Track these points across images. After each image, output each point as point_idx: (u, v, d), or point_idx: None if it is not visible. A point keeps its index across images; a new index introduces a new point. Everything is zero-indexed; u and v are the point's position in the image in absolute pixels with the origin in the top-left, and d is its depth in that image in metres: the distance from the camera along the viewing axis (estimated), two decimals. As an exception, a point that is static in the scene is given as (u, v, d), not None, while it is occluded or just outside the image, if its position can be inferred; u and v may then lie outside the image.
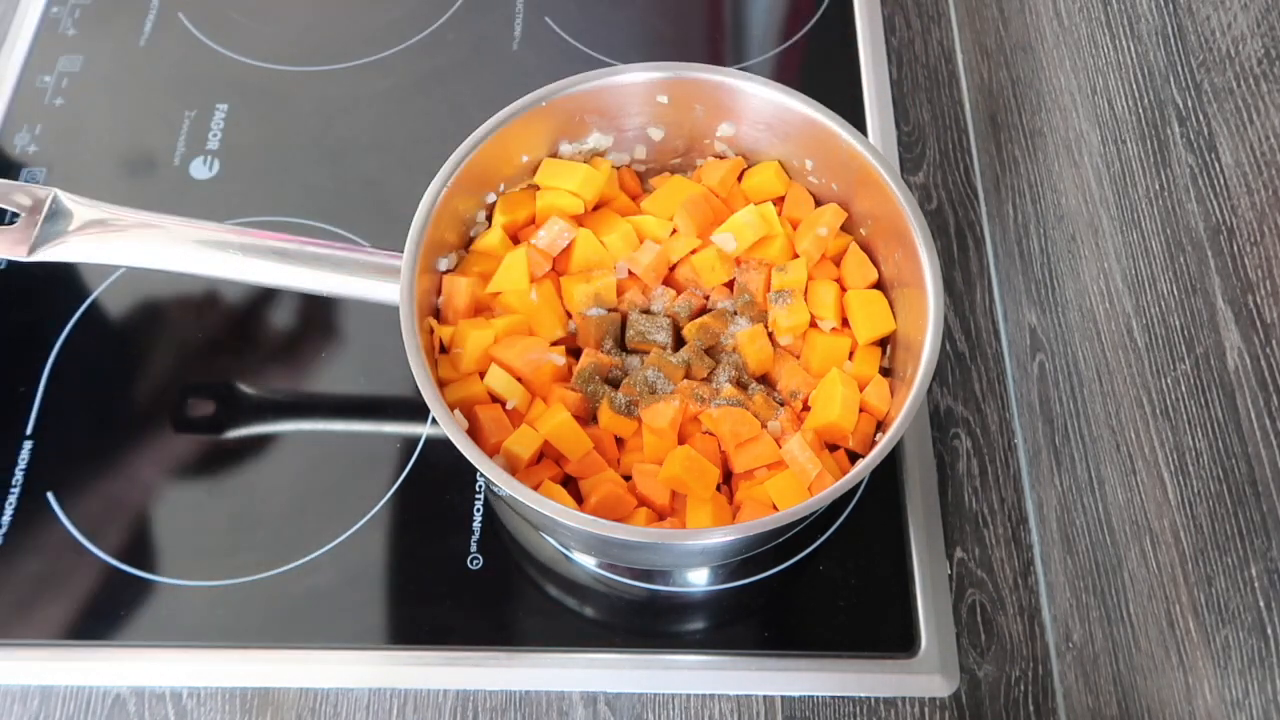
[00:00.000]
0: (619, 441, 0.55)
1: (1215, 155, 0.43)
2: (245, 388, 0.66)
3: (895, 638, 0.58)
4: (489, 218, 0.60)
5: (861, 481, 0.56)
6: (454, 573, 0.60)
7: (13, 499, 0.62)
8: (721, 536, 0.49)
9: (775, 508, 0.51)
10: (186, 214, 0.58)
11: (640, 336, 0.57)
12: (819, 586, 0.60)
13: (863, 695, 0.58)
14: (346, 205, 0.72)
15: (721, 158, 0.62)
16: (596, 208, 0.61)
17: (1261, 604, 0.40)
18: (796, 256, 0.58)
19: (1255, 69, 0.40)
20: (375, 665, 0.58)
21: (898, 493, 0.62)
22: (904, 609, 0.59)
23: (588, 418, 0.55)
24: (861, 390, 0.55)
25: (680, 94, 0.58)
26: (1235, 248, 0.41)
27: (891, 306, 0.57)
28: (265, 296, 0.68)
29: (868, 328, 0.56)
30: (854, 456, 0.54)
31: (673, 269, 0.59)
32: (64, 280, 0.69)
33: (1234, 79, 0.42)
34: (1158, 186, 0.48)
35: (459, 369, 0.55)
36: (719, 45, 0.80)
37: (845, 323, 0.57)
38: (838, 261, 0.59)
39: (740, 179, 0.61)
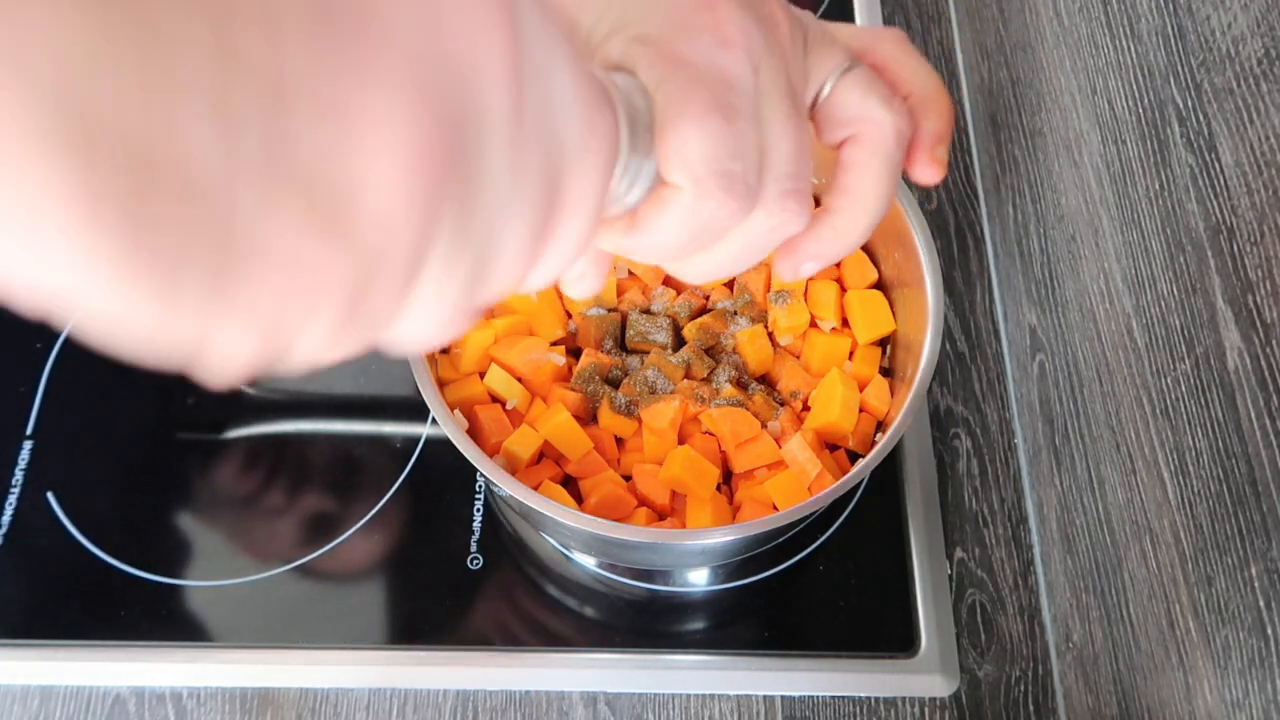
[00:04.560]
0: (619, 441, 0.55)
1: (1215, 155, 0.43)
2: (245, 388, 0.66)
3: (895, 638, 0.58)
4: (489, 218, 0.59)
5: (861, 481, 0.57)
6: (454, 573, 0.60)
7: (13, 499, 0.62)
8: (721, 536, 0.49)
9: (775, 508, 0.51)
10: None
11: (640, 336, 0.57)
12: (819, 586, 0.60)
13: (863, 695, 0.58)
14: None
15: (721, 158, 0.62)
16: (596, 208, 0.60)
17: (1261, 604, 0.40)
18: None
19: (1255, 69, 0.40)
20: (375, 665, 0.58)
21: (898, 493, 0.62)
22: (904, 609, 0.59)
23: (588, 418, 0.55)
24: (861, 390, 0.55)
25: (680, 94, 0.58)
26: (1235, 248, 0.41)
27: (891, 306, 0.57)
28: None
29: (868, 328, 0.56)
30: (854, 456, 0.54)
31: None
32: (64, 280, 0.69)
33: (1234, 79, 0.42)
34: (1158, 186, 0.48)
35: (459, 369, 0.55)
36: (719, 45, 0.80)
37: (845, 323, 0.57)
38: (838, 261, 0.59)
39: (740, 179, 0.61)
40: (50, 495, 0.62)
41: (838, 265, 0.59)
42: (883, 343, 0.57)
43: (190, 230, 0.16)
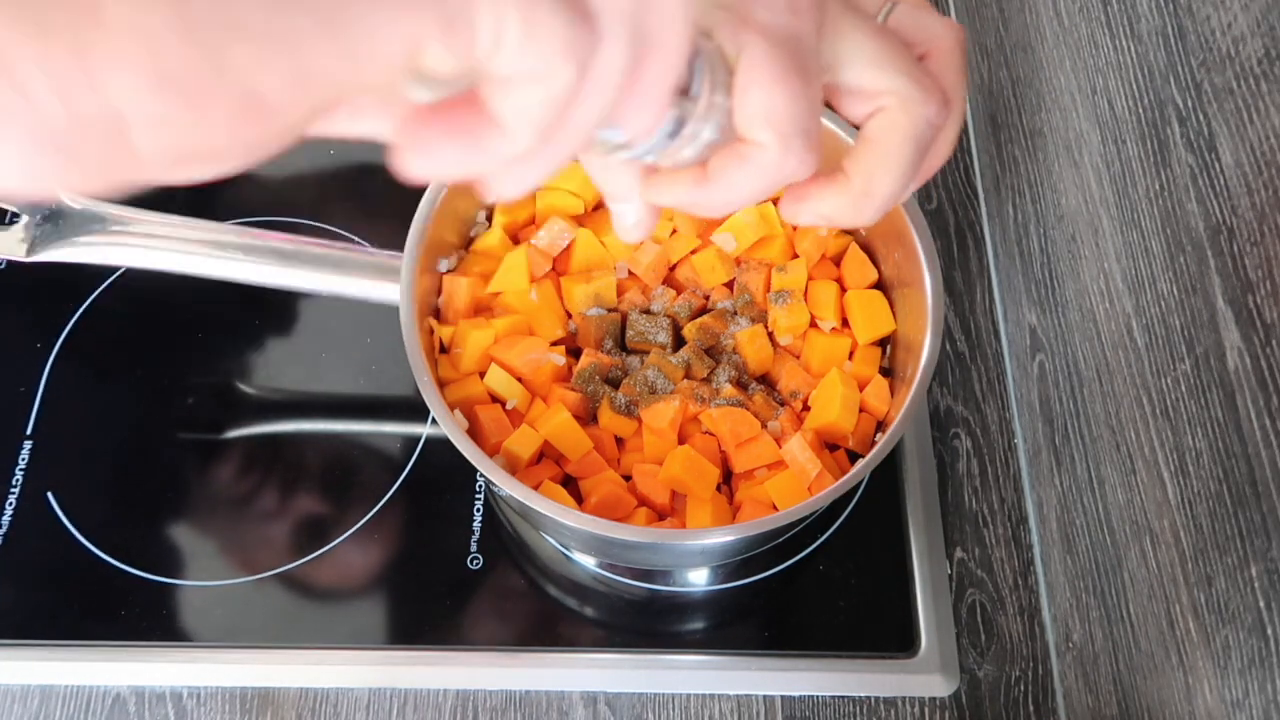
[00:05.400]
0: (619, 441, 0.55)
1: (1215, 155, 0.43)
2: (245, 388, 0.66)
3: (895, 638, 0.58)
4: (489, 218, 0.60)
5: (861, 481, 0.57)
6: (454, 573, 0.60)
7: (13, 499, 0.62)
8: (721, 536, 0.49)
9: (775, 508, 0.51)
10: (186, 214, 0.58)
11: (640, 336, 0.57)
12: (819, 586, 0.60)
13: (863, 695, 0.58)
14: (346, 205, 0.72)
15: (721, 158, 0.62)
16: (596, 208, 0.61)
17: (1261, 604, 0.40)
18: (796, 256, 0.58)
19: (1255, 69, 0.40)
20: (375, 665, 0.58)
21: (898, 493, 0.62)
22: (904, 609, 0.59)
23: (588, 418, 0.55)
24: (861, 390, 0.55)
25: (680, 94, 0.58)
26: (1235, 248, 0.41)
27: (891, 306, 0.57)
28: (264, 296, 0.68)
29: (868, 328, 0.56)
30: (854, 456, 0.54)
31: (673, 269, 0.59)
32: (64, 280, 0.69)
33: (1234, 79, 0.42)
34: (1158, 186, 0.48)
35: (459, 369, 0.55)
36: (719, 45, 0.80)
37: (845, 323, 0.57)
38: (838, 261, 0.59)
39: (740, 179, 0.61)
40: (50, 495, 0.62)
41: (837, 265, 0.59)
42: (883, 343, 0.57)
43: None
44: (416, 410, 0.64)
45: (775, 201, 0.60)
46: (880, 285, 0.58)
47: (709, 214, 0.34)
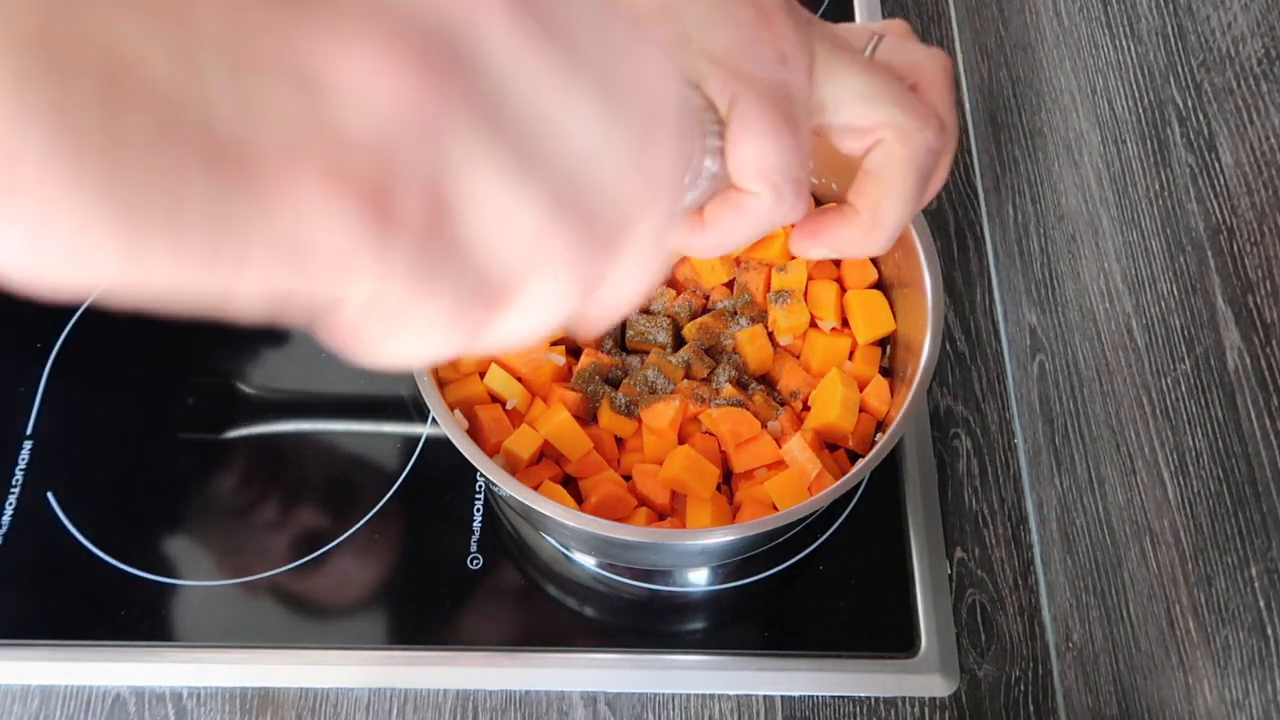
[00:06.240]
0: (619, 441, 0.55)
1: (1215, 155, 0.43)
2: (245, 387, 0.66)
3: (895, 638, 0.58)
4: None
5: (861, 481, 0.57)
6: (454, 573, 0.60)
7: (13, 499, 0.62)
8: (721, 536, 0.49)
9: (775, 508, 0.51)
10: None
11: (640, 336, 0.57)
12: (819, 586, 0.60)
13: (863, 695, 0.58)
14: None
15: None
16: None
17: (1261, 604, 0.40)
18: (796, 256, 0.58)
19: (1255, 69, 0.40)
20: (375, 665, 0.58)
21: (898, 493, 0.62)
22: (904, 609, 0.59)
23: (588, 418, 0.55)
24: (861, 390, 0.55)
25: (680, 94, 0.58)
26: (1235, 248, 0.41)
27: (891, 306, 0.57)
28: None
29: (868, 328, 0.56)
30: (854, 456, 0.54)
31: (673, 269, 0.59)
32: (64, 280, 0.69)
33: (1234, 79, 0.42)
34: (1158, 186, 0.48)
35: (459, 369, 0.55)
36: (719, 45, 0.80)
37: (845, 323, 0.57)
38: (838, 262, 0.59)
39: (740, 179, 0.61)
40: (50, 495, 0.62)
41: (837, 265, 0.59)
42: (883, 343, 0.57)
43: (170, 143, 0.15)
44: (416, 410, 0.64)
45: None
46: (880, 285, 0.58)
47: (703, 256, 0.34)
